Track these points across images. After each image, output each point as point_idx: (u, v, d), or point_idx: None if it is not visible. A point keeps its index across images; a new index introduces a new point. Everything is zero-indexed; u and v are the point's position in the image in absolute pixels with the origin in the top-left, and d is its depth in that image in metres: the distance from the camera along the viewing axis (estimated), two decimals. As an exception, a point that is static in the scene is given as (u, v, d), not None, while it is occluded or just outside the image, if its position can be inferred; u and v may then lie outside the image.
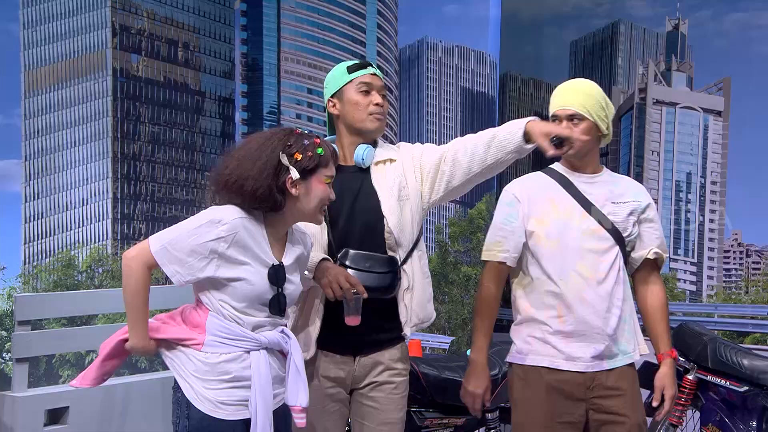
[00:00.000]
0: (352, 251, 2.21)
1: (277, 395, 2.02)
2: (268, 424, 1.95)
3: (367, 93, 2.25)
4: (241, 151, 1.97)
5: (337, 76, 2.28)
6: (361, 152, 2.27)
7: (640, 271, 2.48)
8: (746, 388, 3.08)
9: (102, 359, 2.03)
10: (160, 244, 1.91)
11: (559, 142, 2.16)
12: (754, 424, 3.07)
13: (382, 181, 2.29)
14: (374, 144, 2.33)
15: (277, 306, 1.98)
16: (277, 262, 1.99)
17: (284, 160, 1.94)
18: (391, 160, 2.33)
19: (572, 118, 2.31)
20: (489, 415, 3.03)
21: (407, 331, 2.31)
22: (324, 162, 1.98)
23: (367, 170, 2.29)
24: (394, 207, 2.26)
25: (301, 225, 2.13)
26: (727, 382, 3.12)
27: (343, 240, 2.22)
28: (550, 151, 2.15)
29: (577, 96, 2.33)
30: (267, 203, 1.95)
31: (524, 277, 2.42)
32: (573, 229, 2.33)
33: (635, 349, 2.41)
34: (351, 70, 2.26)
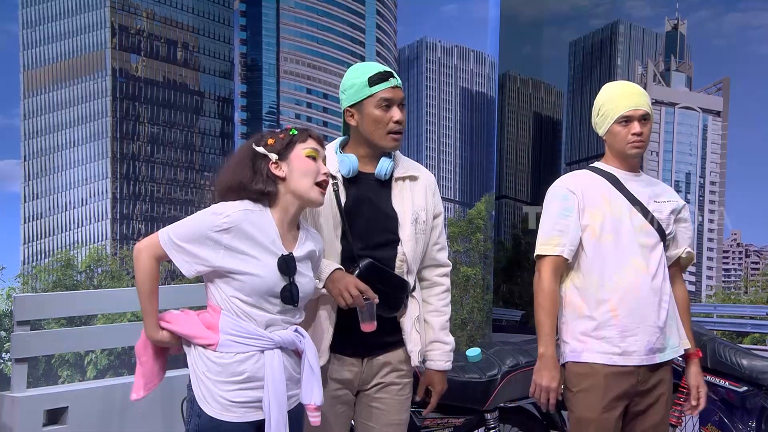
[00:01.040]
0: (372, 262, 2.22)
1: (292, 396, 2.03)
2: (282, 423, 1.96)
3: (387, 108, 2.23)
4: (226, 163, 2.08)
5: (357, 87, 2.24)
6: (386, 165, 2.26)
7: (668, 270, 2.51)
8: (745, 388, 3.09)
9: (139, 363, 2.05)
10: (167, 234, 1.97)
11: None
12: (753, 424, 3.08)
13: (404, 204, 2.29)
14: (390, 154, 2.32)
15: (289, 295, 2.00)
16: (287, 252, 1.99)
17: (259, 149, 2.01)
18: (413, 178, 2.33)
19: (643, 117, 2.43)
20: (488, 415, 3.03)
21: (420, 358, 2.31)
22: (299, 138, 2.03)
23: (387, 183, 2.30)
24: (411, 234, 2.28)
25: (311, 221, 2.14)
26: (726, 383, 3.13)
27: (359, 248, 2.23)
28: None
29: (642, 97, 2.45)
30: (260, 194, 1.99)
31: (576, 272, 2.44)
32: (626, 224, 2.42)
33: (680, 344, 2.46)
34: (372, 82, 2.22)
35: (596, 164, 2.53)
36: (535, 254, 2.47)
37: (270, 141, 2.01)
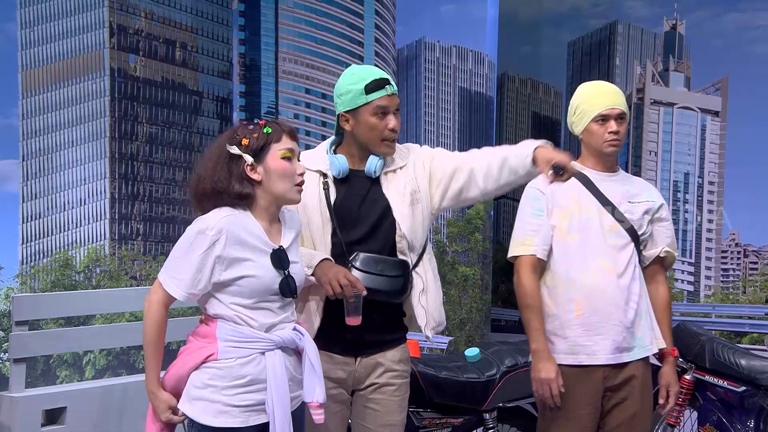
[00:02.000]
0: (362, 254, 2.21)
1: (294, 397, 2.02)
2: (286, 424, 1.95)
3: (383, 115, 2.23)
4: (200, 161, 2.03)
5: (353, 94, 2.23)
6: (375, 162, 2.27)
7: (648, 269, 2.55)
8: (744, 388, 3.08)
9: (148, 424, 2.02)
10: (168, 277, 1.95)
11: (559, 169, 2.19)
12: (752, 424, 3.07)
13: (393, 189, 2.29)
14: None
15: (287, 288, 1.98)
16: (277, 246, 1.99)
17: (233, 150, 1.97)
18: (401, 167, 2.34)
19: (619, 116, 2.43)
20: (487, 415, 3.03)
21: (429, 333, 2.31)
22: (274, 138, 1.99)
23: (377, 178, 2.30)
24: (406, 211, 2.27)
25: (287, 208, 2.13)
26: (725, 383, 3.12)
27: (350, 243, 2.23)
28: (550, 179, 2.21)
29: (619, 96, 2.45)
30: (237, 198, 1.97)
31: (547, 271, 2.46)
32: (594, 224, 2.42)
33: (652, 342, 2.46)
34: (369, 90, 2.21)
35: (572, 163, 2.54)
36: (509, 255, 2.48)
37: (244, 141, 1.98)
